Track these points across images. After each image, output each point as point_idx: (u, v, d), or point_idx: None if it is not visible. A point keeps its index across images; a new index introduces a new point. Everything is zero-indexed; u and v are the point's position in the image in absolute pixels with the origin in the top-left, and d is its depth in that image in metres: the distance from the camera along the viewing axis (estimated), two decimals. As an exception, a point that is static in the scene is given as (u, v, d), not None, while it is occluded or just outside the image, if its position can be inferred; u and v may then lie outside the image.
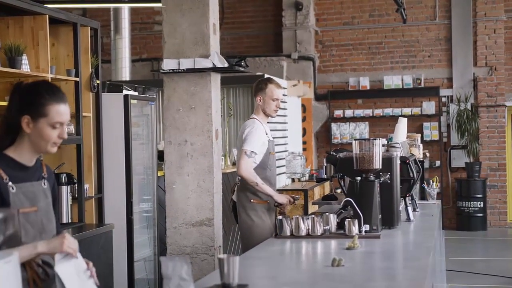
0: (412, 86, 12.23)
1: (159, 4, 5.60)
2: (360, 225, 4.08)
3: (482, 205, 11.77)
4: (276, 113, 5.45)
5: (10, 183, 2.61)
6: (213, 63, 5.09)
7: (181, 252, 5.18)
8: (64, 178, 5.56)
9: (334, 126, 12.45)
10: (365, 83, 12.42)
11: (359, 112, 12.36)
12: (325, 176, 9.04)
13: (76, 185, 5.75)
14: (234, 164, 7.59)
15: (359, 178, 4.23)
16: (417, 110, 12.12)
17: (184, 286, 2.39)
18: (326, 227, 4.12)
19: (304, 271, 3.46)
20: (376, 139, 4.29)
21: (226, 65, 5.11)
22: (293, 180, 9.84)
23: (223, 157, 7.88)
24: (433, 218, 5.09)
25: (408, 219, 4.84)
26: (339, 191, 7.19)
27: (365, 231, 4.10)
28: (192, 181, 5.18)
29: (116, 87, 6.70)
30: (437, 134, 12.16)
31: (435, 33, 12.35)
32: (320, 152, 12.55)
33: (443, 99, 12.27)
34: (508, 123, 12.33)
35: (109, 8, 11.30)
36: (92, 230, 5.53)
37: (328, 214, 4.19)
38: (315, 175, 10.17)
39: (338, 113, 12.44)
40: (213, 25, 5.21)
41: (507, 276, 8.15)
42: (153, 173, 6.85)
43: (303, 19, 12.50)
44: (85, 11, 12.59)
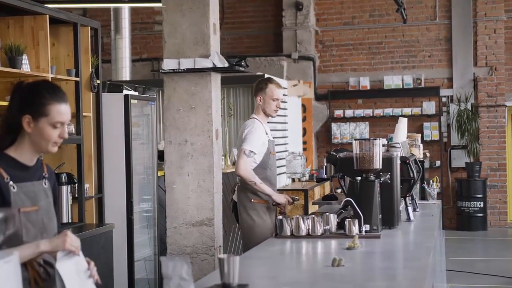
0: (412, 86, 12.23)
1: (159, 4, 5.60)
2: (360, 225, 4.08)
3: (482, 205, 11.77)
4: (276, 113, 5.45)
5: (11, 182, 2.61)
6: (213, 63, 5.08)
7: (181, 252, 5.18)
8: (64, 178, 5.57)
9: (334, 126, 12.45)
10: (365, 83, 12.42)
11: (359, 112, 12.36)
12: (325, 176, 8.99)
13: (76, 185, 5.76)
14: (234, 164, 7.59)
15: (359, 178, 4.23)
16: (417, 110, 12.12)
17: (184, 286, 2.39)
18: (326, 227, 4.12)
19: (304, 271, 3.46)
20: (376, 139, 4.29)
21: (226, 65, 5.11)
22: (293, 180, 9.84)
23: (223, 157, 7.88)
24: (433, 218, 5.09)
25: (408, 219, 4.84)
26: (339, 191, 7.19)
27: (365, 231, 4.10)
28: (192, 181, 5.18)
29: (116, 87, 6.70)
30: (437, 134, 12.16)
31: (435, 33, 12.34)
32: (320, 152, 12.55)
33: (443, 99, 12.27)
34: (508, 123, 12.33)
35: (109, 8, 11.30)
36: (92, 230, 5.53)
37: (328, 214, 4.19)
38: (315, 175, 10.17)
39: (338, 113, 12.44)
40: (213, 25, 5.21)
41: (507, 276, 8.14)
42: (153, 173, 6.85)
43: (303, 19, 12.50)
44: (85, 11, 12.59)
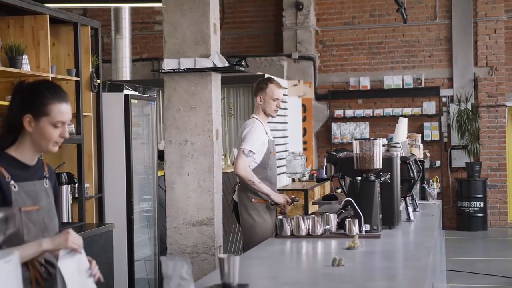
0: (412, 86, 12.23)
1: (160, 4, 5.60)
2: (360, 225, 4.09)
3: (482, 205, 11.76)
4: (277, 113, 5.45)
5: (12, 182, 2.62)
6: (213, 63, 5.08)
7: (181, 251, 5.17)
8: (64, 178, 5.57)
9: (334, 126, 12.44)
10: (365, 83, 12.42)
11: (360, 112, 12.36)
12: (326, 176, 9.00)
13: (77, 184, 5.76)
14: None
15: (359, 178, 4.23)
16: (417, 110, 12.12)
17: (184, 285, 2.39)
18: (327, 227, 4.12)
19: (304, 271, 3.46)
20: (377, 139, 4.29)
21: (226, 65, 5.10)
22: (293, 180, 9.83)
23: (223, 157, 7.88)
24: (433, 218, 5.09)
25: (409, 219, 4.84)
26: (339, 191, 7.19)
27: (366, 231, 4.10)
28: (192, 181, 5.18)
29: (116, 86, 6.70)
30: (437, 134, 12.16)
31: (436, 33, 12.34)
32: (320, 152, 12.55)
33: (444, 99, 12.27)
34: (509, 123, 12.33)
35: (109, 8, 11.30)
36: (92, 229, 5.53)
37: (328, 214, 4.19)
38: (315, 175, 10.16)
39: (339, 113, 12.44)
40: (213, 25, 5.20)
41: (507, 276, 8.14)
42: (154, 172, 6.85)
43: (303, 19, 12.50)
44: (85, 10, 12.60)
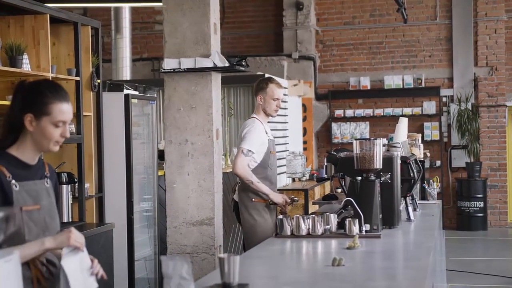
0: (412, 86, 12.23)
1: (160, 4, 5.60)
2: (360, 225, 4.09)
3: (482, 205, 11.76)
4: (277, 112, 5.45)
5: (13, 181, 2.62)
6: (213, 63, 5.08)
7: (181, 251, 5.17)
8: (64, 177, 5.57)
9: (334, 125, 12.44)
10: (365, 83, 12.42)
11: (360, 112, 12.36)
12: (326, 175, 9.01)
13: (77, 184, 5.76)
14: (235, 163, 7.58)
15: (359, 178, 4.23)
16: (417, 110, 12.12)
17: (184, 285, 2.40)
18: (327, 226, 4.12)
19: (304, 271, 3.46)
20: (377, 139, 4.29)
21: (226, 64, 5.10)
22: (293, 179, 9.83)
23: (223, 156, 7.87)
24: (433, 218, 5.09)
25: (409, 219, 4.83)
26: (339, 190, 7.19)
27: (366, 231, 4.10)
28: (192, 181, 5.18)
29: (116, 86, 6.70)
30: (437, 134, 12.16)
31: (436, 33, 12.34)
32: (320, 151, 12.55)
33: (444, 99, 12.27)
34: (509, 123, 12.33)
35: (109, 8, 11.30)
36: (92, 229, 5.53)
37: (328, 213, 4.19)
38: (315, 174, 10.16)
39: (339, 112, 12.44)
40: (214, 24, 5.20)
41: (507, 276, 8.14)
42: (154, 172, 6.85)
43: (303, 19, 12.50)
44: (85, 10, 12.60)
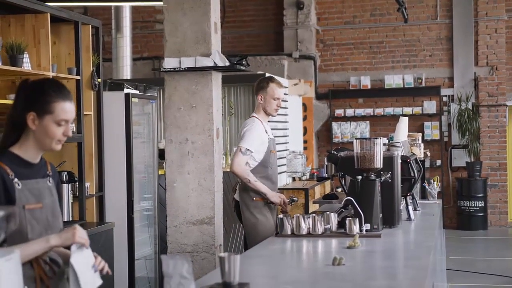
0: (413, 86, 12.23)
1: (160, 3, 5.60)
2: (361, 224, 4.09)
3: (482, 204, 11.76)
4: (277, 112, 5.45)
5: (16, 179, 2.62)
6: (214, 62, 5.08)
7: (181, 250, 5.17)
8: (65, 176, 5.57)
9: (335, 125, 12.44)
10: (366, 82, 12.42)
11: (360, 111, 12.36)
12: (326, 175, 9.04)
13: (77, 183, 5.77)
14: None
15: (360, 177, 4.23)
16: (418, 110, 12.12)
17: (185, 284, 2.40)
18: (327, 226, 4.12)
19: (304, 270, 3.47)
20: (377, 138, 4.29)
21: (227, 64, 5.10)
22: (293, 179, 9.84)
23: (224, 155, 7.87)
24: (433, 218, 5.09)
25: (409, 218, 4.84)
26: (340, 190, 7.19)
27: (366, 230, 4.10)
28: (193, 180, 5.18)
29: (117, 85, 6.70)
30: (438, 133, 12.16)
31: (436, 32, 12.34)
32: (321, 151, 12.55)
33: (444, 99, 12.27)
34: (509, 122, 12.32)
35: (110, 7, 11.30)
36: (93, 228, 5.53)
37: (329, 213, 4.19)
38: (316, 174, 10.17)
39: (339, 112, 12.44)
40: (214, 24, 5.20)
41: (507, 276, 8.14)
42: (154, 171, 6.86)
43: (304, 18, 12.50)
44: (86, 9, 12.60)
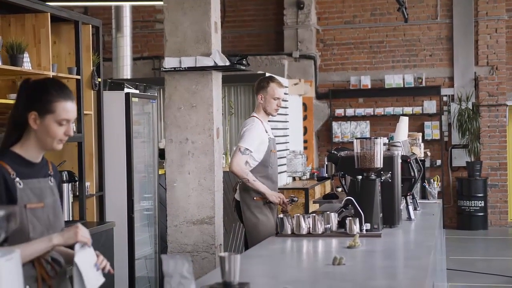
0: (413, 85, 12.23)
1: (161, 3, 5.60)
2: (361, 224, 4.09)
3: (483, 204, 11.76)
4: (277, 112, 5.44)
5: (17, 178, 2.63)
6: (214, 62, 5.08)
7: (182, 250, 5.18)
8: (65, 176, 5.57)
9: (335, 124, 12.44)
10: (366, 82, 12.41)
11: (360, 111, 12.35)
12: (326, 174, 9.03)
13: (77, 183, 5.77)
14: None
15: (360, 177, 4.23)
16: (418, 109, 12.11)
17: (185, 284, 2.40)
18: (327, 225, 4.12)
19: (305, 270, 3.47)
20: (377, 138, 4.29)
21: (227, 63, 5.10)
22: (294, 178, 9.84)
23: (224, 155, 7.88)
24: (434, 217, 5.09)
25: (409, 218, 4.84)
26: (340, 189, 7.19)
27: (366, 230, 4.10)
28: (193, 180, 5.18)
29: (117, 85, 6.70)
30: (438, 133, 12.16)
31: (437, 32, 12.34)
32: (321, 150, 12.55)
33: (444, 98, 12.27)
34: (510, 122, 12.32)
35: (110, 6, 11.30)
36: (93, 228, 5.53)
37: (329, 212, 4.19)
38: (316, 173, 10.17)
39: (339, 111, 12.43)
40: (214, 23, 5.20)
41: (507, 276, 8.14)
42: (154, 171, 6.85)
43: (304, 18, 12.50)
44: (86, 9, 12.60)
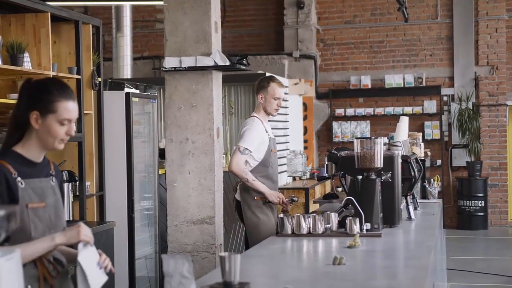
0: (413, 85, 12.22)
1: (161, 2, 5.60)
2: (361, 224, 4.09)
3: (483, 204, 11.76)
4: (277, 112, 5.44)
5: (19, 178, 2.63)
6: (214, 61, 5.08)
7: (182, 250, 5.18)
8: (65, 176, 5.57)
9: (335, 124, 12.44)
10: (366, 81, 12.41)
11: (361, 111, 12.35)
12: (326, 174, 9.03)
13: (78, 182, 5.77)
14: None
15: (360, 177, 4.23)
16: (418, 109, 12.11)
17: (185, 284, 2.40)
18: (327, 225, 4.12)
19: (305, 269, 3.47)
20: (378, 138, 4.29)
21: (227, 63, 5.10)
22: (294, 178, 9.84)
23: (224, 155, 7.88)
24: (434, 217, 5.09)
25: (409, 218, 4.84)
26: (340, 189, 7.19)
27: (366, 230, 4.10)
28: (193, 179, 5.18)
29: (117, 85, 6.71)
30: (438, 133, 12.16)
31: (437, 32, 12.34)
32: (321, 150, 12.55)
33: (445, 98, 12.26)
34: (510, 122, 12.32)
35: (110, 6, 11.30)
36: (93, 227, 5.52)
37: (329, 212, 4.19)
38: (316, 173, 10.17)
39: (340, 111, 12.43)
40: (214, 23, 5.20)
41: (507, 275, 8.14)
42: (154, 171, 6.86)
43: (304, 18, 12.49)
44: (86, 9, 12.60)
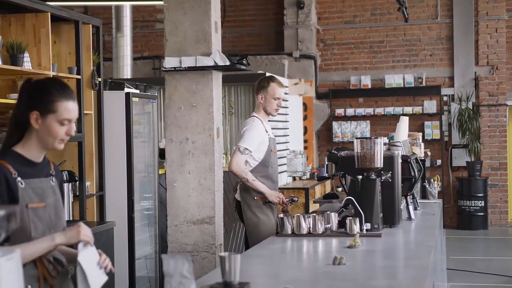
0: (413, 85, 12.22)
1: (161, 2, 5.60)
2: (361, 224, 4.09)
3: (483, 204, 11.76)
4: (277, 112, 5.44)
5: (19, 178, 2.63)
6: (214, 61, 5.08)
7: (182, 250, 5.18)
8: (65, 176, 5.57)
9: (335, 124, 12.44)
10: (366, 81, 12.41)
11: (361, 111, 12.35)
12: (326, 174, 9.03)
13: (78, 182, 5.77)
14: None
15: (360, 177, 4.23)
16: (418, 109, 12.11)
17: (185, 284, 2.40)
18: (327, 225, 4.12)
19: (305, 269, 3.47)
20: (378, 138, 4.29)
21: (227, 63, 5.10)
22: (294, 178, 9.84)
23: (224, 155, 7.88)
24: (434, 217, 5.10)
25: (409, 218, 4.84)
26: (340, 189, 7.19)
27: (366, 230, 4.10)
28: (193, 179, 5.18)
29: (117, 85, 6.70)
30: (438, 133, 12.16)
31: (437, 32, 12.34)
32: (321, 150, 12.55)
33: (445, 98, 12.26)
34: (510, 122, 12.32)
35: (110, 6, 11.31)
36: (93, 227, 5.52)
37: (329, 212, 4.20)
38: (316, 173, 10.17)
39: (340, 111, 12.43)
40: (214, 23, 5.20)
41: (507, 275, 8.14)
42: (154, 171, 6.86)
43: (304, 18, 12.49)
44: (86, 9, 12.60)
